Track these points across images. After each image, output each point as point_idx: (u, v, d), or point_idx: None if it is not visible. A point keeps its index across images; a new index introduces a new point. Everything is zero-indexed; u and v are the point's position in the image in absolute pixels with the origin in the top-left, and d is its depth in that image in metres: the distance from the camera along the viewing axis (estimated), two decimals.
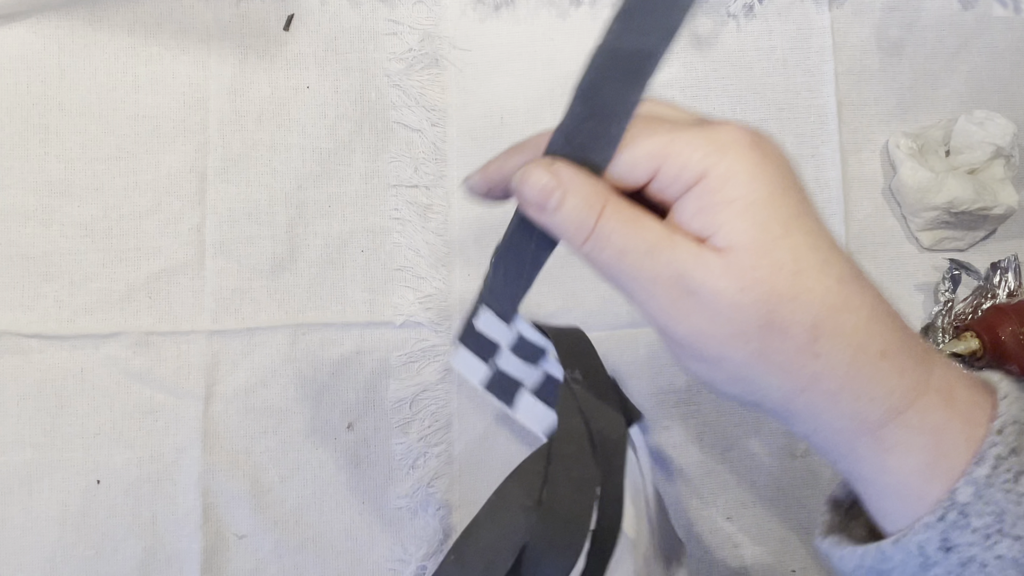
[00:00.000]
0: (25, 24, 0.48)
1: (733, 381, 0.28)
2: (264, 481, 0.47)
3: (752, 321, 0.26)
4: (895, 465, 0.27)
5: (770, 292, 0.26)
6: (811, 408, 0.27)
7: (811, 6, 0.53)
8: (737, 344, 0.27)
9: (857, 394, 0.27)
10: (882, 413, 0.27)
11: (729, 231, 0.26)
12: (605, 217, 0.27)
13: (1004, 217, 0.52)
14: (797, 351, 0.27)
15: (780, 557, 0.50)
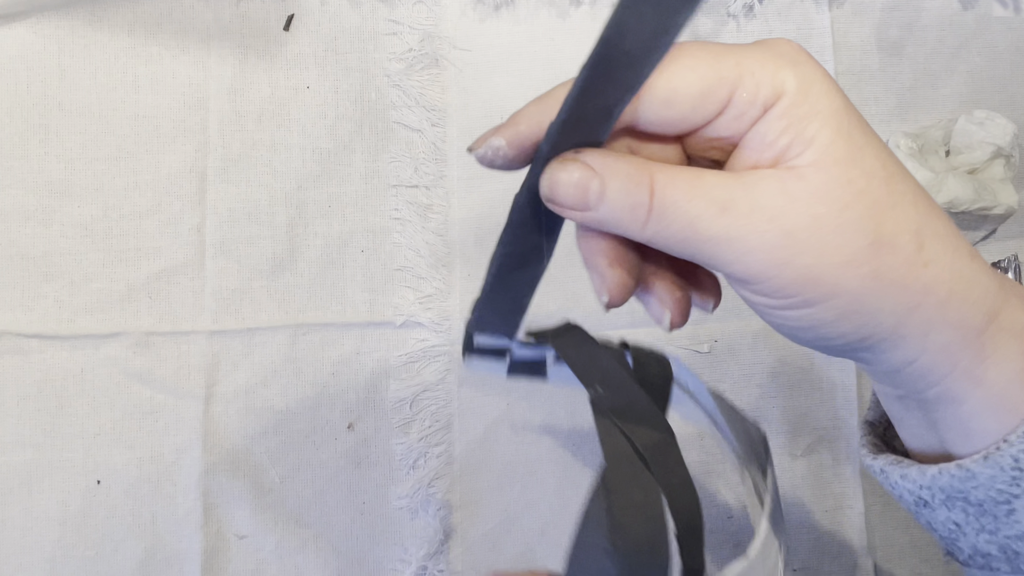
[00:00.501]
0: (25, 24, 0.48)
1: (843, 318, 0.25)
2: (264, 481, 0.47)
3: (861, 240, 0.24)
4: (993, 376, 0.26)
5: (872, 203, 0.24)
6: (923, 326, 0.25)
7: (811, 6, 0.54)
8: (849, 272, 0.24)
9: (963, 298, 0.25)
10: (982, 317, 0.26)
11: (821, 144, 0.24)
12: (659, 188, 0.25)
13: (1004, 217, 0.52)
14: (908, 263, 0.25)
15: None
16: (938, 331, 0.25)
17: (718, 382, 0.51)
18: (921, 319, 0.25)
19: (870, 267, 0.24)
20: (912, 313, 0.25)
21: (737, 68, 0.24)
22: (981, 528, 0.26)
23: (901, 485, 0.28)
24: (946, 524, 0.27)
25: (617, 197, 0.25)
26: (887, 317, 0.25)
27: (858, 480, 0.52)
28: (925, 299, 0.25)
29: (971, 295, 0.25)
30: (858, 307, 0.25)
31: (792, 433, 0.51)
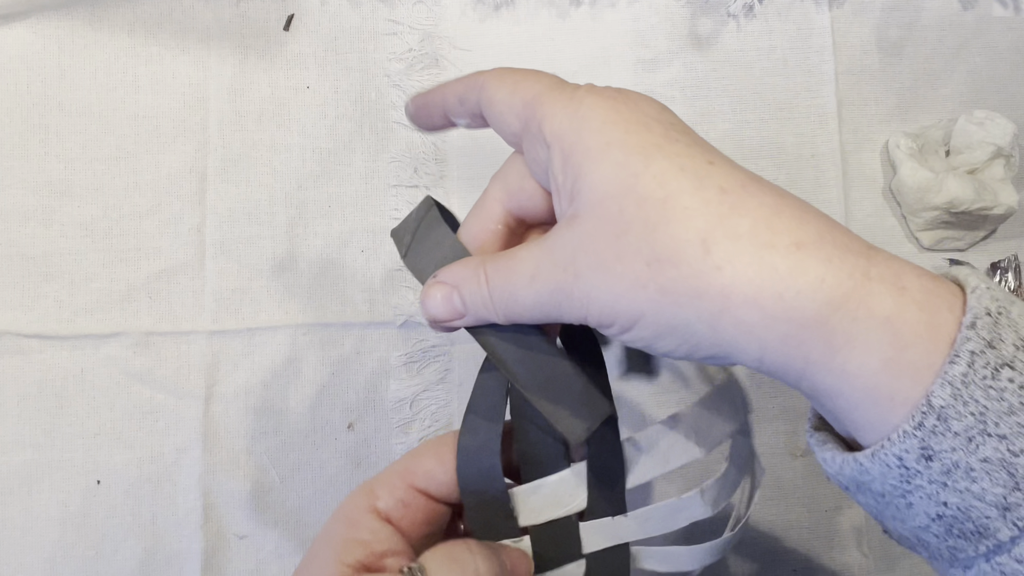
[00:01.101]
0: (25, 24, 0.48)
1: (662, 336, 0.26)
2: (264, 481, 0.47)
3: (638, 264, 0.26)
4: (855, 367, 0.25)
5: (643, 228, 0.25)
6: (741, 326, 0.25)
7: (811, 6, 0.54)
8: (638, 294, 0.26)
9: (779, 292, 0.25)
10: (818, 307, 0.24)
11: (592, 180, 0.26)
12: (490, 278, 0.29)
13: (1004, 217, 0.52)
14: (695, 274, 0.25)
15: (780, 556, 0.50)
16: (763, 328, 0.25)
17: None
18: (735, 320, 0.25)
19: (655, 284, 0.25)
20: (721, 317, 0.25)
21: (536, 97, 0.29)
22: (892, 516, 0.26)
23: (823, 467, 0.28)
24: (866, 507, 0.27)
25: (471, 298, 0.30)
26: (698, 325, 0.26)
27: None
28: (727, 301, 0.25)
29: (792, 285, 0.25)
30: (665, 323, 0.26)
31: (792, 433, 0.51)
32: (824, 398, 0.26)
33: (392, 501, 0.32)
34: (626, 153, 0.26)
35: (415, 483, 0.32)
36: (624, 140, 0.26)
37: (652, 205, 0.26)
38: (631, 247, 0.26)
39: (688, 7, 0.53)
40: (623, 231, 0.26)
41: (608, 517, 0.33)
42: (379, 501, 0.32)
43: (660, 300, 0.26)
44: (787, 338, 0.25)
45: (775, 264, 0.25)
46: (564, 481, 0.32)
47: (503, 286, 0.29)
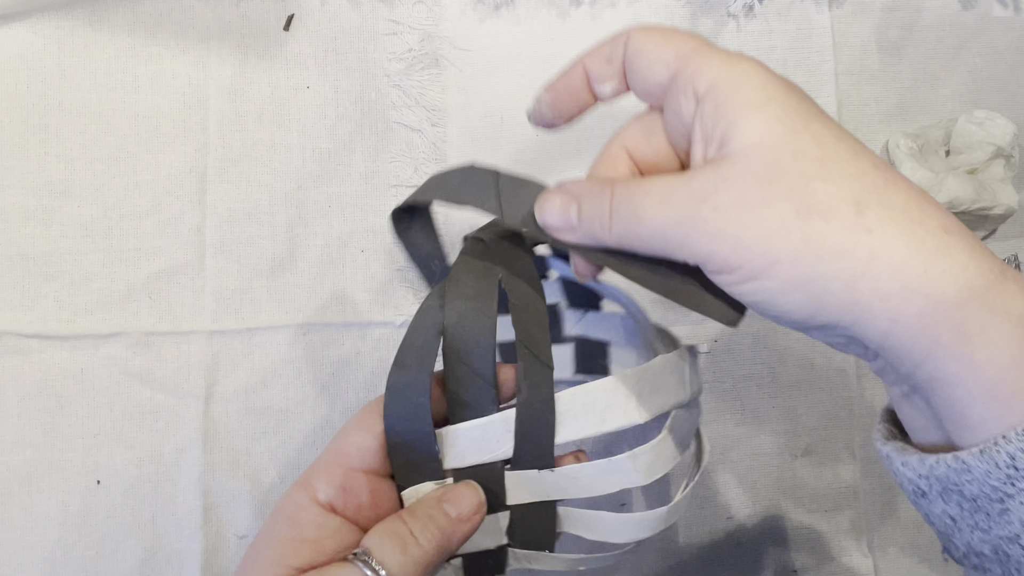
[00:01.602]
0: (25, 24, 0.48)
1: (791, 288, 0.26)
2: (264, 481, 0.47)
3: (787, 209, 0.25)
4: (984, 359, 0.25)
5: (798, 176, 0.26)
6: (879, 292, 0.25)
7: (811, 6, 0.54)
8: (779, 239, 0.25)
9: (925, 266, 0.25)
10: (959, 289, 0.25)
11: (748, 128, 0.26)
12: (616, 196, 0.28)
13: (1004, 217, 0.52)
14: (844, 230, 0.25)
15: (781, 557, 0.50)
16: (901, 298, 0.25)
17: (718, 382, 0.51)
18: (874, 285, 0.25)
19: (801, 232, 0.25)
20: (861, 279, 0.25)
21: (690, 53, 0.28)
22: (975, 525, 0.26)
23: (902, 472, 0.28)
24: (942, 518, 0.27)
25: (588, 211, 0.29)
26: (834, 283, 0.25)
27: (857, 480, 0.52)
28: (872, 264, 0.25)
29: (938, 263, 0.25)
30: (799, 274, 0.26)
31: (792, 433, 0.51)
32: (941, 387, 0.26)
33: (332, 490, 0.31)
34: (786, 111, 0.27)
35: (350, 464, 0.32)
36: (784, 100, 0.27)
37: (809, 160, 0.26)
38: (782, 193, 0.26)
39: (688, 7, 0.53)
40: (776, 177, 0.26)
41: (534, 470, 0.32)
42: (319, 492, 0.31)
43: (802, 249, 0.25)
44: (922, 315, 0.25)
45: (924, 240, 0.25)
46: (491, 425, 0.32)
47: (628, 204, 0.28)
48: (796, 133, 0.26)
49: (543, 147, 0.52)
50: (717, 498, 0.50)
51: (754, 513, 0.50)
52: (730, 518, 0.50)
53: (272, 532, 0.31)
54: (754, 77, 0.27)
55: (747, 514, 0.50)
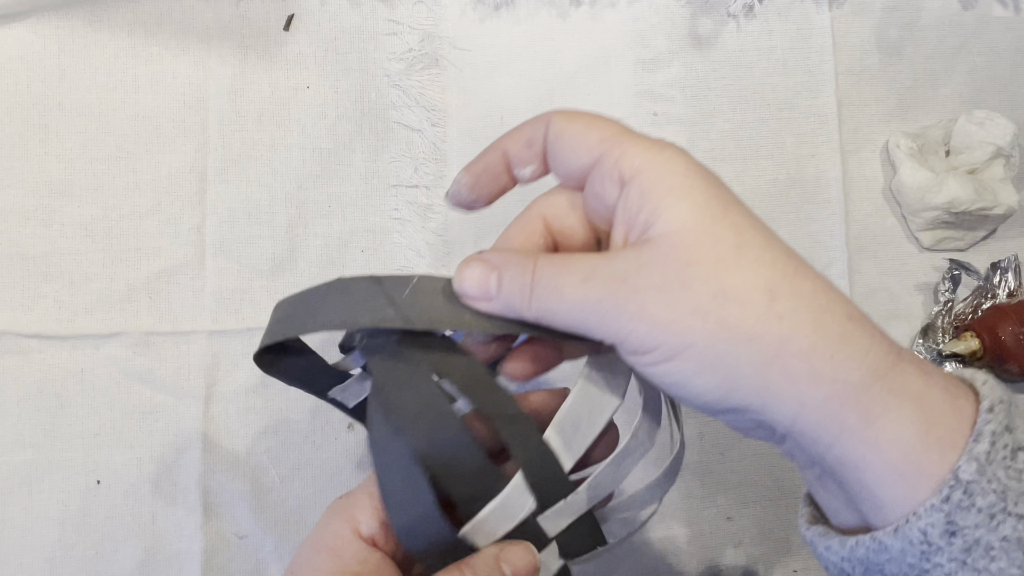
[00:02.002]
0: (25, 24, 0.48)
1: (705, 370, 0.27)
2: (264, 481, 0.47)
3: (704, 293, 0.26)
4: (888, 439, 0.26)
5: (716, 262, 0.27)
6: (789, 377, 0.26)
7: (811, 6, 0.54)
8: (696, 322, 0.26)
9: (831, 352, 0.26)
10: (863, 374, 0.26)
11: (671, 214, 0.27)
12: (538, 269, 0.29)
13: (1004, 217, 0.52)
14: (757, 316, 0.26)
15: (781, 557, 0.50)
16: (808, 383, 0.26)
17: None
18: (784, 369, 0.26)
19: (716, 316, 0.26)
20: (772, 364, 0.26)
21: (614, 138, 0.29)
22: None
23: (826, 557, 0.29)
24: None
25: (509, 282, 0.29)
26: (746, 367, 0.26)
27: None
28: (782, 350, 0.26)
29: (843, 349, 0.26)
30: (714, 358, 0.26)
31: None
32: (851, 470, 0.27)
33: (375, 524, 0.31)
34: (707, 198, 0.27)
35: None
36: (705, 188, 0.28)
37: (727, 247, 0.27)
38: (700, 277, 0.26)
39: (688, 7, 0.53)
40: (695, 262, 0.27)
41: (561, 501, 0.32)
42: (361, 526, 0.31)
43: (717, 333, 0.26)
44: (829, 399, 0.26)
45: (830, 327, 0.26)
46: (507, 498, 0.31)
47: (550, 279, 0.28)
48: (715, 220, 0.27)
49: None
50: (717, 498, 0.50)
51: (754, 513, 0.50)
52: (730, 518, 0.50)
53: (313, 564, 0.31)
54: (677, 165, 0.28)
55: (747, 514, 0.50)
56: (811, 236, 0.52)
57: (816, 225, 0.52)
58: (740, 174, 0.53)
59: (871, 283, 0.53)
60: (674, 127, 0.52)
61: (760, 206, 0.53)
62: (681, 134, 0.52)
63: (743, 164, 0.53)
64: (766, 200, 0.52)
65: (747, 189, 0.52)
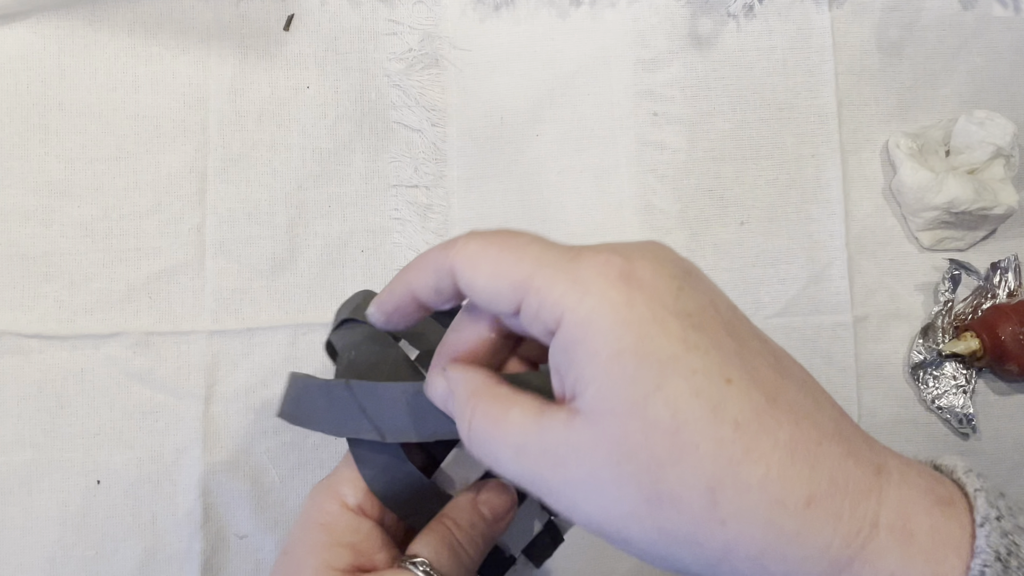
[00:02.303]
0: (25, 24, 0.48)
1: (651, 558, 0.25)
2: (264, 481, 0.47)
3: (638, 497, 0.23)
4: None
5: (648, 460, 0.23)
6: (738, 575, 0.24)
7: (811, 6, 0.54)
8: (632, 525, 0.24)
9: (783, 554, 0.23)
10: (822, 569, 0.23)
11: (595, 393, 0.24)
12: (473, 427, 0.26)
13: (1004, 217, 0.52)
14: (697, 522, 0.23)
15: None
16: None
17: None
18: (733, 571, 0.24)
19: (652, 522, 0.24)
20: (719, 567, 0.24)
21: (528, 281, 0.25)
22: None
23: None
24: None
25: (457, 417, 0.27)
26: (693, 566, 0.24)
27: None
28: (728, 555, 0.23)
29: (798, 552, 0.23)
30: (657, 552, 0.24)
31: None
32: None
33: (360, 494, 0.31)
34: (637, 366, 0.23)
35: None
36: (637, 348, 0.23)
37: (660, 437, 0.23)
38: (632, 478, 0.23)
39: (688, 7, 0.53)
40: (625, 458, 0.23)
41: None
42: (347, 498, 0.31)
43: (656, 538, 0.24)
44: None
45: (783, 525, 0.23)
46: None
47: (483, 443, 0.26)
48: (647, 398, 0.23)
49: (543, 147, 0.52)
50: None
51: None
52: None
53: (307, 540, 0.31)
54: (603, 320, 0.23)
55: None
56: (811, 236, 0.52)
57: (816, 225, 0.52)
58: (740, 174, 0.53)
59: (871, 283, 0.53)
60: (674, 127, 0.52)
61: (760, 206, 0.53)
62: (681, 134, 0.52)
63: (743, 164, 0.53)
64: (766, 200, 0.52)
65: (747, 189, 0.52)
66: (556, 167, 0.51)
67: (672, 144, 0.52)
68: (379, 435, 0.30)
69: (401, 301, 0.29)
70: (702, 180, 0.52)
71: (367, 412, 0.31)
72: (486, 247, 0.26)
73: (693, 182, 0.52)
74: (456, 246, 0.27)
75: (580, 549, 0.48)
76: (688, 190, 0.52)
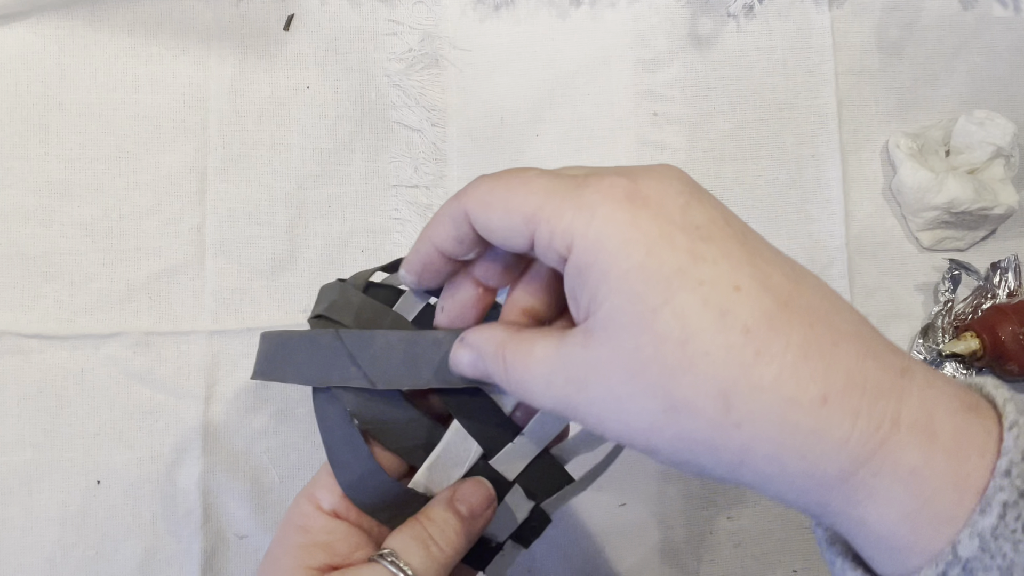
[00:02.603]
0: (25, 24, 0.48)
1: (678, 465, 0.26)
2: (264, 481, 0.47)
3: (654, 408, 0.24)
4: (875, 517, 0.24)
5: (661, 372, 0.24)
6: (759, 475, 0.25)
7: (811, 6, 0.54)
8: (654, 436, 0.25)
9: (801, 452, 0.24)
10: (840, 467, 0.24)
11: (607, 312, 0.25)
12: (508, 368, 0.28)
13: (1004, 217, 0.52)
14: (713, 426, 0.24)
15: (781, 557, 0.50)
16: (781, 482, 0.24)
17: None
18: (754, 471, 0.24)
19: (672, 432, 0.24)
20: (740, 468, 0.24)
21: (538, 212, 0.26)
22: None
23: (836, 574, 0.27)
24: None
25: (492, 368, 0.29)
26: (715, 469, 0.25)
27: None
28: (747, 457, 0.24)
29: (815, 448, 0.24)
30: (680, 461, 0.25)
31: None
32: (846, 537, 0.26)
33: (334, 498, 0.32)
34: (645, 282, 0.24)
35: None
36: (644, 264, 0.24)
37: (671, 347, 0.24)
38: (647, 390, 0.24)
39: (688, 7, 0.53)
40: (639, 371, 0.24)
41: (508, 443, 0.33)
42: (322, 502, 0.32)
43: (676, 444, 0.25)
44: (807, 491, 0.24)
45: (798, 422, 0.23)
46: (449, 445, 0.33)
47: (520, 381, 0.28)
48: (655, 313, 0.24)
49: (543, 147, 0.52)
50: (717, 498, 0.50)
51: (754, 513, 0.50)
52: (730, 518, 0.50)
53: (285, 541, 0.32)
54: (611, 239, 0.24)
55: (747, 514, 0.50)
56: (811, 236, 0.52)
57: (816, 225, 0.52)
58: (740, 174, 0.53)
59: (871, 283, 0.53)
60: (674, 127, 0.52)
61: (760, 206, 0.53)
62: (681, 134, 0.52)
63: (743, 164, 0.53)
64: (766, 200, 0.52)
65: (747, 189, 0.52)
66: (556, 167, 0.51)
67: (672, 144, 0.52)
68: (368, 382, 0.31)
69: (428, 258, 0.30)
70: (702, 180, 0.52)
71: (357, 360, 0.31)
72: (495, 187, 0.27)
73: None
74: (467, 191, 0.28)
75: (580, 549, 0.48)
76: None
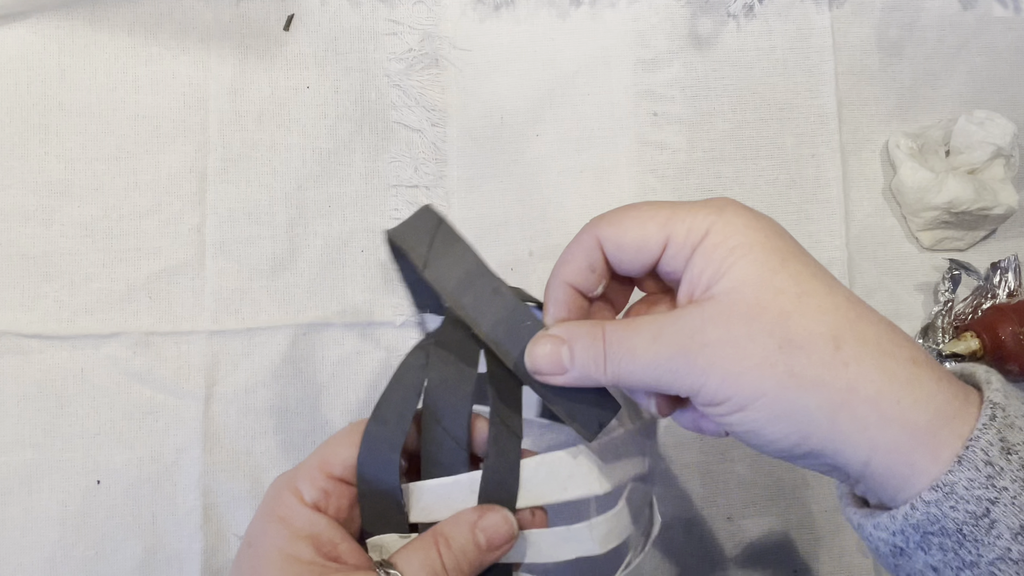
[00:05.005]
0: (25, 24, 0.48)
1: (777, 418, 0.28)
2: (264, 481, 0.47)
3: (770, 344, 0.27)
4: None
5: (780, 313, 0.28)
6: (858, 422, 0.27)
7: (811, 6, 0.54)
8: (765, 372, 0.27)
9: (898, 397, 0.27)
10: (930, 417, 0.27)
11: (733, 273, 0.28)
12: (608, 336, 0.30)
13: (1004, 217, 0.52)
14: (824, 364, 0.27)
15: (780, 557, 0.50)
16: (878, 428, 0.27)
17: None
18: (853, 415, 0.27)
19: (784, 366, 0.27)
20: (841, 410, 0.27)
21: (673, 217, 0.30)
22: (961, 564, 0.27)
23: (875, 536, 0.29)
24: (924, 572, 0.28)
25: (582, 354, 0.31)
26: (816, 413, 0.27)
27: None
28: (850, 396, 0.27)
29: (910, 393, 0.27)
30: (785, 405, 0.27)
31: None
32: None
33: (316, 492, 0.33)
34: (766, 252, 0.29)
35: (333, 472, 0.33)
36: (764, 242, 0.29)
37: (788, 297, 0.28)
38: (764, 329, 0.28)
39: (688, 7, 0.53)
40: (758, 314, 0.28)
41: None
42: (304, 494, 0.33)
43: (786, 381, 0.27)
44: (898, 443, 0.27)
45: (895, 371, 0.27)
46: (458, 484, 0.32)
47: (621, 344, 0.30)
48: (775, 273, 0.28)
49: (543, 147, 0.52)
50: (717, 498, 0.50)
51: (754, 513, 0.50)
52: (730, 518, 0.50)
53: (269, 533, 0.32)
54: (737, 224, 0.29)
55: (747, 514, 0.50)
56: (811, 236, 0.52)
57: (816, 225, 0.52)
58: (740, 174, 0.53)
59: (871, 283, 0.53)
60: (674, 127, 0.52)
61: (760, 206, 0.53)
62: (681, 134, 0.52)
63: (743, 164, 0.53)
64: (766, 200, 0.52)
65: (747, 189, 0.52)
66: (556, 167, 0.51)
67: (672, 144, 0.52)
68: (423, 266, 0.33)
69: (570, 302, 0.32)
70: (702, 180, 0.52)
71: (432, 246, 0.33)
72: (624, 211, 0.31)
73: (693, 182, 0.52)
74: (593, 223, 0.32)
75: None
76: (688, 190, 0.52)
